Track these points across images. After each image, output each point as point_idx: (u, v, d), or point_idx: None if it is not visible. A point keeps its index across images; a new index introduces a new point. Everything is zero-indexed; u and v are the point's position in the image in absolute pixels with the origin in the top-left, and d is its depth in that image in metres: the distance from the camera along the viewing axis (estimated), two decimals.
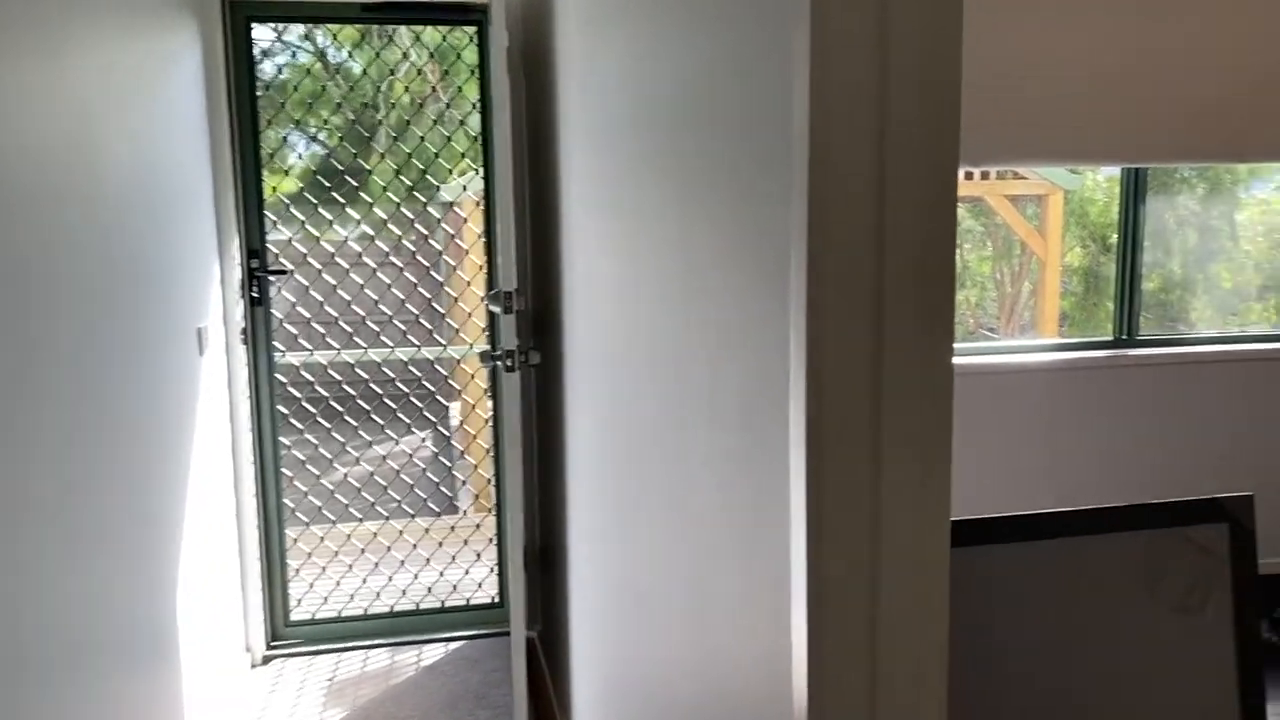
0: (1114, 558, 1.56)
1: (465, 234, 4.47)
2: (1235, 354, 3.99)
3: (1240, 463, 4.02)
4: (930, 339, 0.94)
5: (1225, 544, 1.60)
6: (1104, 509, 1.56)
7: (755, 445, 1.10)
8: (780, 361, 1.01)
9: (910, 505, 0.97)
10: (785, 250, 0.97)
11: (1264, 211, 4.50)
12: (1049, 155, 3.76)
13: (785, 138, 0.96)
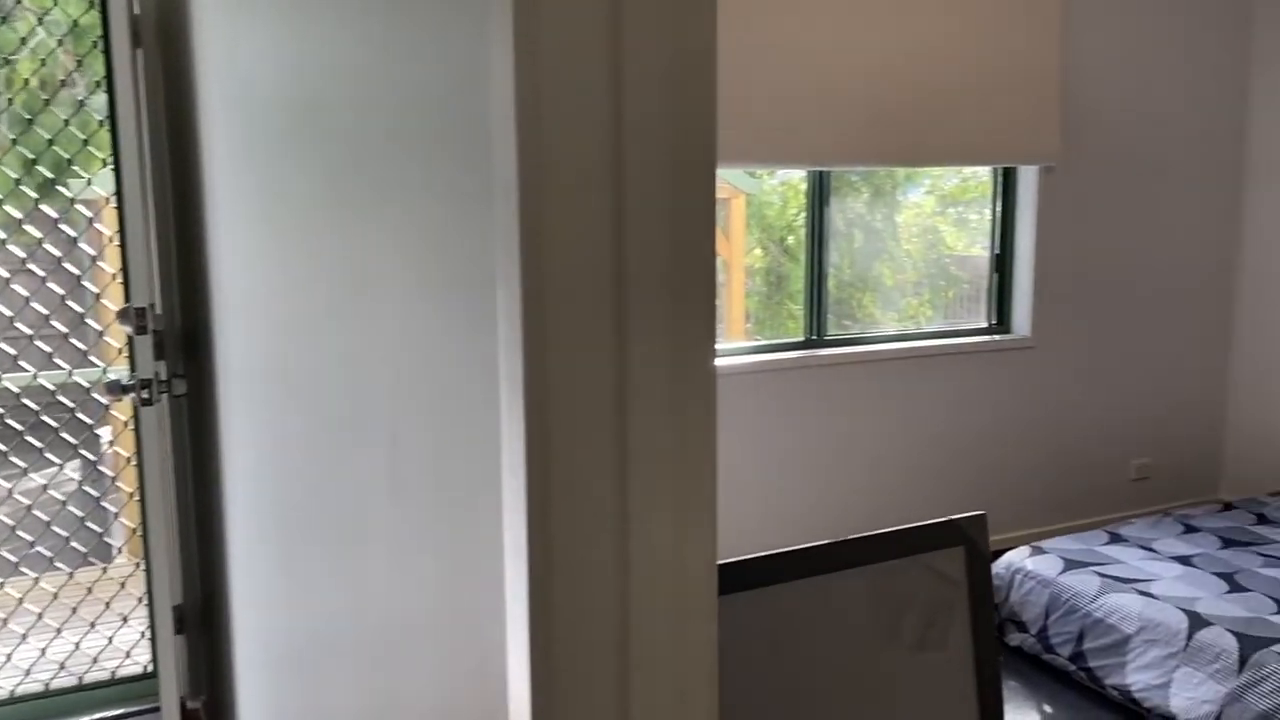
0: (852, 598, 1.43)
1: (94, 237, 3.81)
2: (910, 350, 4.18)
3: (932, 454, 4.23)
4: (689, 350, 0.72)
5: (962, 568, 1.51)
6: (838, 544, 1.42)
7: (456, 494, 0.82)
8: (483, 381, 0.74)
9: (668, 553, 0.74)
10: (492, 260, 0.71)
11: (917, 214, 4.75)
12: (741, 158, 3.75)
13: (485, 128, 0.71)
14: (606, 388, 0.68)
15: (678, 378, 0.71)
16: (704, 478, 0.75)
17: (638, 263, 0.68)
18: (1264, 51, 4.68)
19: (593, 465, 0.68)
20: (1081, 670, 3.14)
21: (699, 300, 0.71)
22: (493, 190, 0.68)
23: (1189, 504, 4.86)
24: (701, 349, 0.72)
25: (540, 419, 0.65)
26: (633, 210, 0.68)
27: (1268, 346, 4.76)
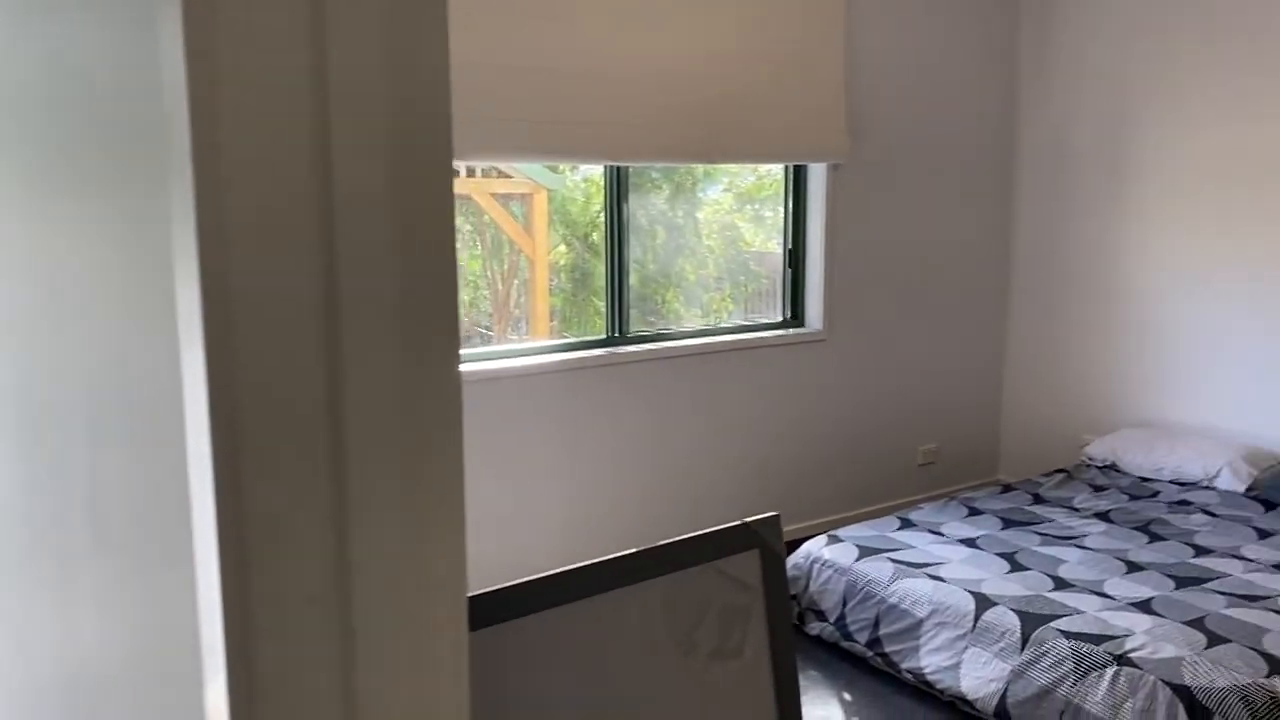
0: (645, 612, 1.36)
1: None
2: (712, 346, 4.20)
3: (734, 447, 4.26)
4: (428, 369, 0.62)
5: (758, 572, 1.47)
6: (631, 555, 1.35)
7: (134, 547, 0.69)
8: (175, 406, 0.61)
9: (406, 588, 0.63)
10: None
11: (717, 211, 4.79)
12: (535, 151, 3.65)
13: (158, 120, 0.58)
14: (317, 423, 0.56)
15: (411, 404, 0.60)
16: (449, 511, 0.64)
17: (354, 273, 0.57)
18: (1029, 58, 4.97)
19: (303, 513, 0.57)
20: (878, 656, 3.22)
21: (438, 316, 0.61)
22: (170, 190, 0.56)
23: (971, 486, 5.11)
24: (443, 367, 0.62)
25: (230, 452, 0.53)
26: (344, 210, 0.57)
27: (1037, 337, 5.07)
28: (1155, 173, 4.54)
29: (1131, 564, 3.27)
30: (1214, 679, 2.50)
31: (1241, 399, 4.32)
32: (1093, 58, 4.72)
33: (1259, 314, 4.24)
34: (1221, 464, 4.03)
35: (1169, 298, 4.54)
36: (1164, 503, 3.91)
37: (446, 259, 0.65)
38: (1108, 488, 4.11)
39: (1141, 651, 2.66)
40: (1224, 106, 4.28)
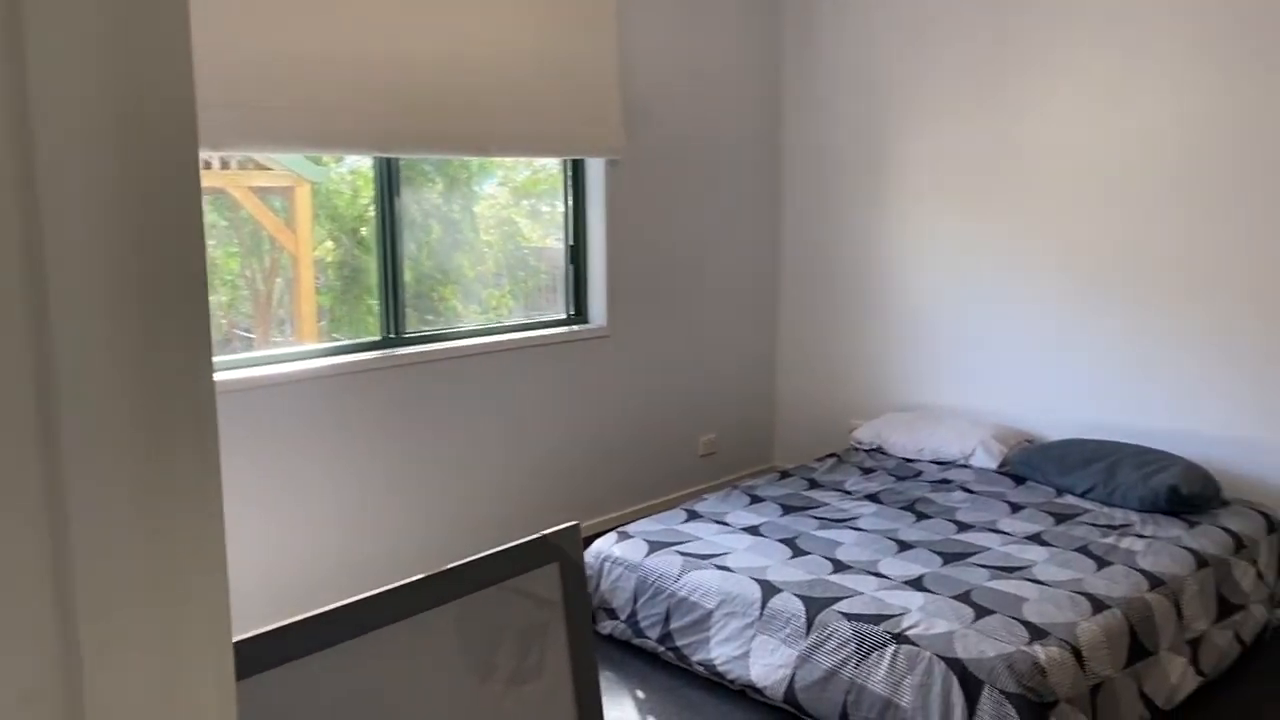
0: (438, 641, 1.25)
1: None
2: (494, 345, 4.08)
3: (521, 448, 4.15)
4: (173, 371, 0.50)
5: (558, 586, 1.39)
6: (419, 582, 1.24)
7: None
8: None
9: (153, 670, 0.51)
10: None
11: (493, 205, 4.68)
12: (296, 142, 3.41)
13: None
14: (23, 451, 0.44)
15: (152, 419, 0.48)
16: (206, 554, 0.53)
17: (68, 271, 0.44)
18: (792, 60, 5.14)
19: (8, 574, 0.44)
20: (670, 650, 3.22)
21: (184, 316, 0.49)
22: None
23: (750, 474, 5.25)
24: (191, 375, 0.50)
25: None
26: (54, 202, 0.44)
27: (806, 329, 5.26)
28: (911, 169, 4.80)
29: (902, 543, 3.42)
30: (983, 650, 2.64)
31: (992, 382, 4.64)
32: (851, 60, 4.94)
33: (1006, 302, 4.56)
34: (975, 443, 4.31)
35: (927, 288, 4.81)
36: (927, 482, 4.13)
37: (192, 254, 0.53)
38: (875, 470, 4.31)
39: (917, 629, 2.77)
40: (972, 105, 4.57)
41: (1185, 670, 2.99)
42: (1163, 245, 4.10)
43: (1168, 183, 4.06)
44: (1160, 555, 3.26)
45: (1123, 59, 4.12)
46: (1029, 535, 3.48)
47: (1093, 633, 2.76)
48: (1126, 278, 4.20)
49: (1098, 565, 3.19)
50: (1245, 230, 3.89)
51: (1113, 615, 2.86)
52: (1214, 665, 3.10)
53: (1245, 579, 3.38)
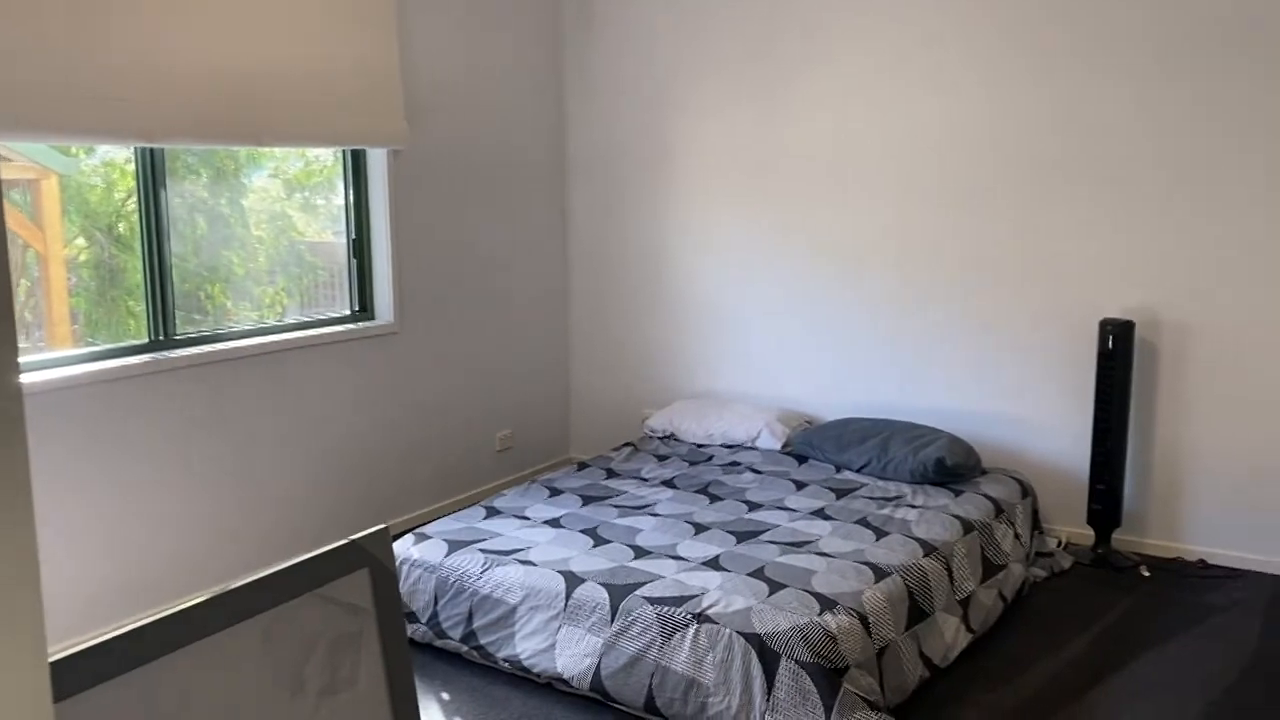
0: (242, 658, 1.18)
1: None
2: (274, 345, 3.89)
3: (311, 452, 3.97)
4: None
5: (369, 592, 1.34)
6: (219, 597, 1.16)
7: None
8: None
9: None
10: None
11: (264, 198, 4.48)
12: (41, 129, 3.12)
13: None
14: None
15: None
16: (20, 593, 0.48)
17: None
18: (574, 55, 5.17)
19: None
20: (474, 649, 3.18)
21: None
22: None
23: (548, 467, 5.25)
24: None
25: None
26: None
27: (598, 321, 5.31)
28: (694, 162, 4.93)
29: (698, 525, 3.52)
30: (778, 623, 2.76)
31: (774, 367, 4.84)
32: (632, 55, 5.01)
33: (784, 291, 4.77)
34: (761, 426, 4.49)
35: (712, 280, 4.96)
36: (718, 465, 4.27)
37: None
38: (669, 456, 4.41)
39: (716, 607, 2.86)
40: (749, 100, 4.75)
41: (958, 629, 3.23)
42: (927, 235, 4.40)
43: (935, 176, 4.36)
44: (932, 523, 3.51)
45: (893, 59, 4.39)
46: (813, 511, 3.66)
47: (877, 599, 2.94)
48: (893, 266, 4.49)
49: (877, 536, 3.39)
50: (1004, 223, 4.24)
51: (893, 582, 3.05)
52: (982, 622, 3.37)
53: (1005, 541, 3.68)
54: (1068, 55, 4.01)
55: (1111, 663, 3.20)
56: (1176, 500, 4.03)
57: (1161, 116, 3.88)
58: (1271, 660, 3.21)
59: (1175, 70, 3.83)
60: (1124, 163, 3.96)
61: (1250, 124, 3.73)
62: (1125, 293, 4.03)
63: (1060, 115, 4.05)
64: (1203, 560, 4.00)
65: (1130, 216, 3.98)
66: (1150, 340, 4.00)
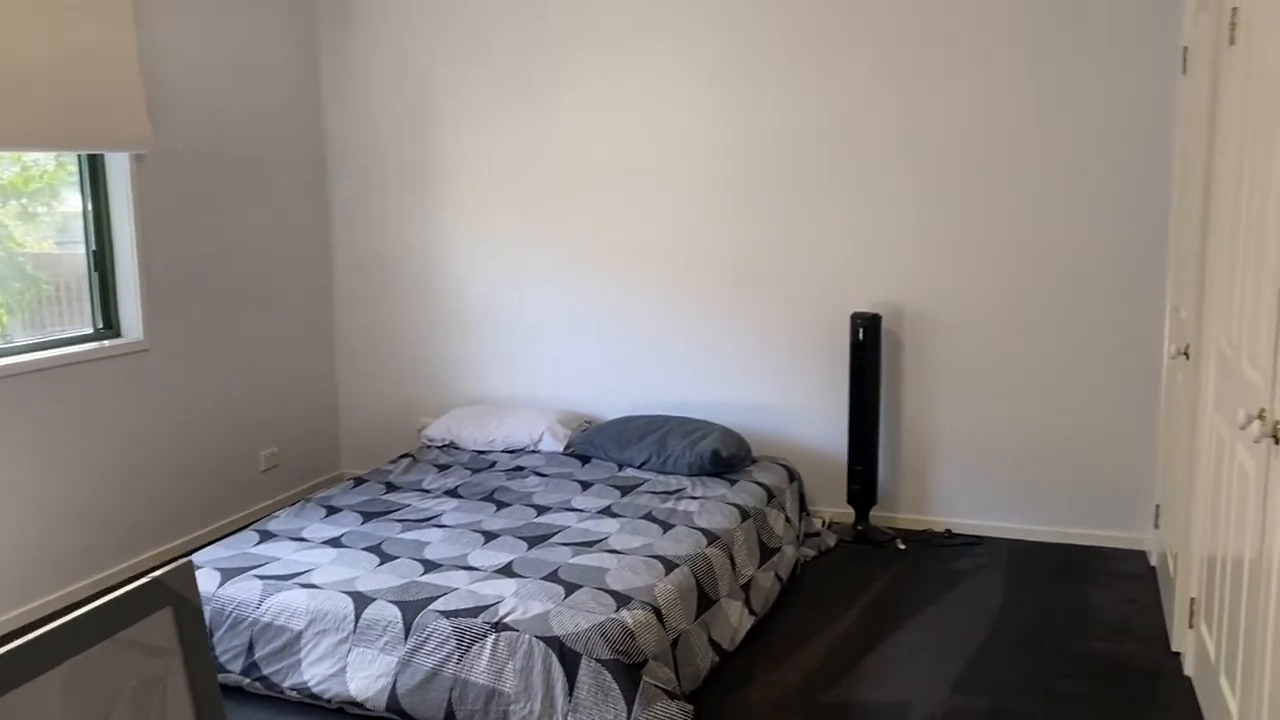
0: (42, 715, 1.07)
1: None
2: (3, 369, 3.52)
3: (57, 486, 3.60)
4: None
5: (174, 632, 1.25)
6: (19, 648, 1.05)
7: None
8: None
9: None
10: None
11: None
12: None
13: None
14: None
15: None
16: None
17: None
18: (330, 58, 4.98)
19: None
20: (257, 680, 3.01)
21: None
22: None
23: (320, 484, 5.05)
24: None
25: None
26: None
27: (364, 331, 5.15)
28: (461, 167, 4.88)
29: (487, 533, 3.50)
30: (577, 623, 2.79)
31: (552, 370, 4.88)
32: (392, 56, 4.90)
33: (559, 294, 4.81)
34: (543, 429, 4.51)
35: (485, 284, 4.93)
36: (502, 471, 4.25)
37: None
38: (451, 465, 4.34)
39: (514, 614, 2.85)
40: (513, 106, 4.75)
41: (742, 612, 3.38)
42: (693, 239, 4.56)
43: (699, 181, 4.53)
44: (712, 513, 3.65)
45: (659, 68, 4.52)
46: (601, 509, 3.72)
47: (668, 591, 3.03)
48: (662, 269, 4.62)
49: (663, 529, 3.49)
50: (764, 226, 4.46)
51: (682, 573, 3.15)
52: (762, 603, 3.54)
53: (778, 524, 3.89)
54: (829, 66, 4.28)
55: (880, 631, 3.45)
56: (924, 477, 4.39)
57: (898, 125, 4.21)
58: (1015, 616, 3.56)
59: (912, 78, 4.17)
60: (871, 169, 4.27)
61: (967, 131, 4.12)
62: (872, 288, 4.34)
63: (816, 124, 4.32)
64: (948, 530, 4.38)
65: (875, 219, 4.29)
66: (895, 331, 4.34)
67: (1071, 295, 4.09)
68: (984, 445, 4.28)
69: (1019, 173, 4.09)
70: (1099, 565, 3.99)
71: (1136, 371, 4.06)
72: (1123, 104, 3.94)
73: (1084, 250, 4.06)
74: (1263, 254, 2.23)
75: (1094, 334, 4.09)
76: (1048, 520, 4.25)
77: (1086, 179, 4.02)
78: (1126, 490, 4.13)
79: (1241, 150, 2.52)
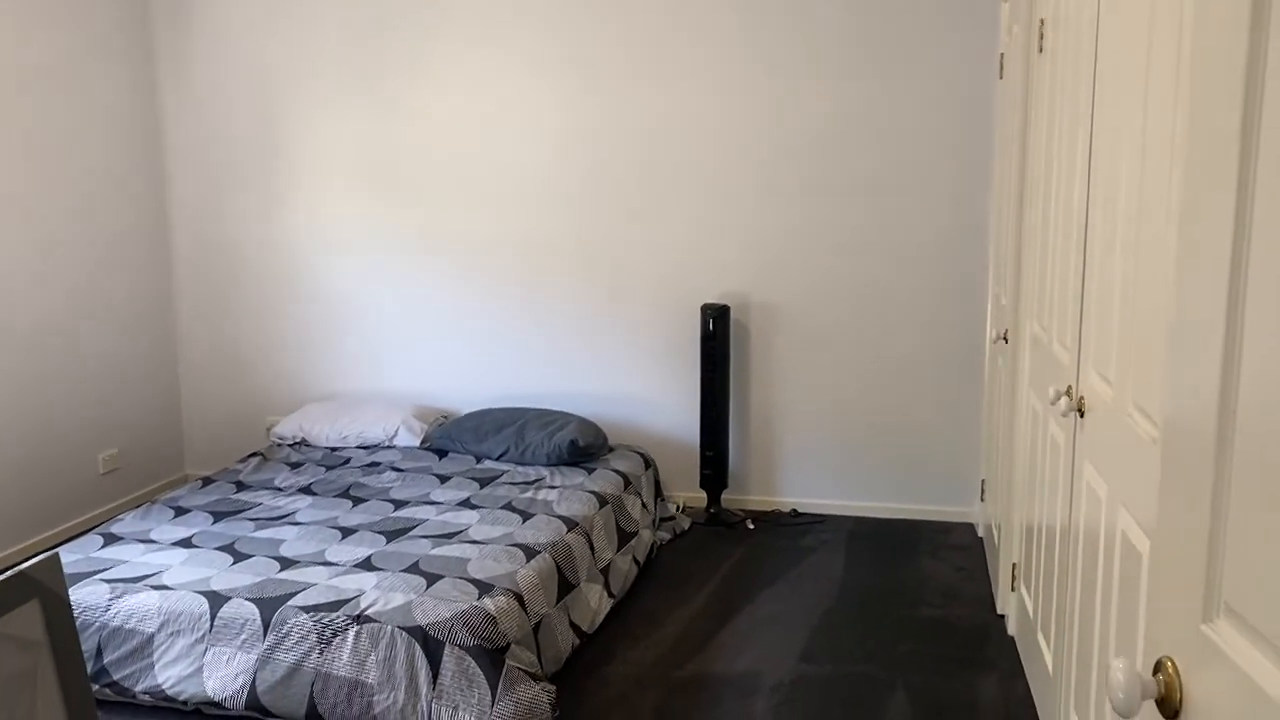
0: None
1: None
2: None
3: None
4: None
5: (41, 624, 1.24)
6: None
7: None
8: None
9: None
10: None
11: None
12: None
13: None
14: None
15: None
16: None
17: None
18: (165, 46, 4.82)
19: None
20: (106, 686, 2.93)
21: None
22: None
23: (164, 485, 4.88)
24: None
25: None
26: None
27: (207, 328, 5.01)
28: (313, 160, 4.80)
29: (344, 529, 3.48)
30: (439, 612, 2.82)
31: (406, 364, 4.86)
32: (235, 48, 4.77)
33: (413, 288, 4.79)
34: (398, 424, 4.50)
35: (337, 279, 4.86)
36: (357, 467, 4.22)
37: None
38: (303, 463, 4.29)
39: (375, 606, 2.87)
40: (364, 98, 4.70)
41: (601, 595, 3.48)
42: (549, 232, 4.63)
43: (553, 174, 4.59)
44: (571, 501, 3.73)
45: (508, 64, 4.55)
46: (460, 502, 3.75)
47: (529, 578, 3.09)
48: (519, 262, 4.67)
49: (523, 518, 3.55)
50: (618, 219, 4.56)
51: (543, 559, 3.23)
52: (621, 586, 3.65)
53: (635, 510, 4.00)
54: (676, 65, 4.41)
55: (732, 607, 3.61)
56: (771, 460, 4.59)
57: (741, 122, 4.38)
58: (854, 587, 3.78)
59: (756, 78, 4.35)
60: (717, 165, 4.43)
61: (808, 130, 4.33)
62: (721, 280, 4.51)
63: (664, 122, 4.45)
64: (794, 510, 4.59)
65: (724, 214, 4.46)
66: (743, 321, 4.52)
67: (903, 286, 4.36)
68: (826, 429, 4.51)
69: (855, 170, 4.33)
70: (932, 538, 4.27)
71: (962, 356, 4.36)
72: (948, 105, 4.22)
73: (915, 244, 4.33)
74: (1067, 246, 2.47)
75: (924, 322, 4.37)
76: (885, 498, 4.52)
77: (916, 177, 4.29)
78: (955, 467, 4.43)
79: (1049, 149, 2.77)
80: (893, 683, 3.08)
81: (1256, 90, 0.91)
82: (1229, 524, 0.95)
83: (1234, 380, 0.95)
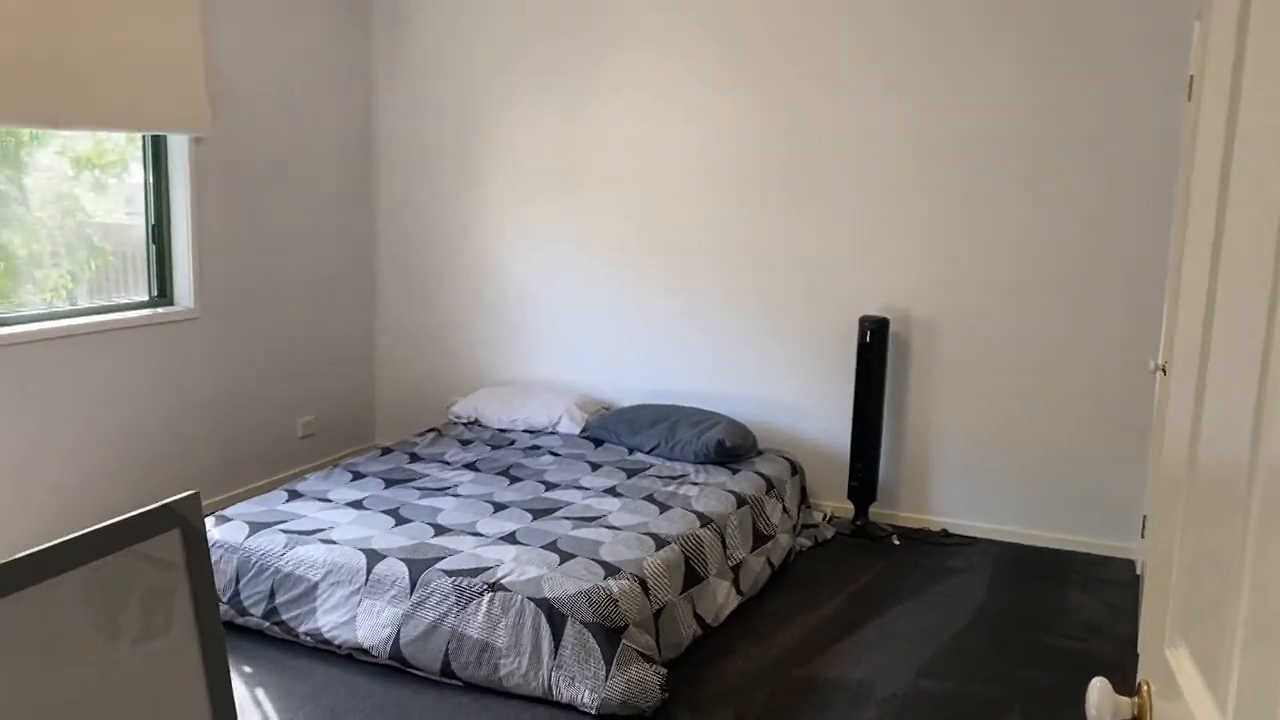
0: (60, 608, 1.32)
1: None
2: (64, 330, 3.84)
3: (107, 438, 3.93)
4: None
5: (180, 550, 1.50)
6: (39, 552, 1.30)
7: None
8: None
9: None
10: None
11: (50, 177, 4.40)
12: None
13: None
14: None
15: None
16: None
17: None
18: (385, 51, 5.26)
19: None
20: (275, 625, 3.30)
21: None
22: None
23: (353, 453, 5.34)
24: None
25: None
26: None
27: (403, 311, 5.44)
28: (503, 159, 5.13)
29: (497, 504, 3.75)
30: (566, 588, 3.02)
31: (574, 356, 5.12)
32: (444, 51, 5.16)
33: (585, 284, 5.04)
34: (561, 412, 4.75)
35: (518, 272, 5.18)
36: (519, 449, 4.50)
37: None
38: (473, 441, 4.61)
39: (510, 576, 3.10)
40: (558, 102, 4.99)
41: (729, 591, 3.59)
42: (715, 235, 4.77)
43: (724, 179, 4.73)
44: (709, 498, 3.86)
45: (684, 73, 4.72)
46: (605, 489, 3.95)
47: (655, 565, 3.25)
48: (680, 265, 4.84)
49: (660, 510, 3.71)
50: (784, 228, 4.65)
51: (671, 550, 3.37)
52: (751, 585, 3.74)
53: (775, 514, 4.09)
54: (849, 74, 4.45)
55: (861, 617, 3.64)
56: (924, 477, 4.56)
57: (912, 135, 4.37)
58: (992, 612, 3.73)
59: (925, 92, 4.33)
60: (882, 179, 4.44)
61: (981, 143, 4.27)
62: (882, 292, 4.51)
63: (832, 134, 4.50)
64: (945, 530, 4.54)
65: (888, 226, 4.46)
66: (903, 335, 4.51)
67: (1074, 307, 4.23)
68: (983, 449, 4.44)
69: (1030, 191, 4.24)
70: (1085, 570, 4.13)
71: (1131, 383, 4.19)
72: (1131, 122, 4.06)
73: (1088, 263, 4.19)
74: None
75: (1094, 345, 4.22)
76: (1041, 525, 4.40)
77: (1093, 193, 4.15)
78: (1118, 499, 4.26)
79: None
80: (1009, 705, 3.04)
81: None
82: (1177, 548, 0.99)
83: (1200, 418, 0.98)
